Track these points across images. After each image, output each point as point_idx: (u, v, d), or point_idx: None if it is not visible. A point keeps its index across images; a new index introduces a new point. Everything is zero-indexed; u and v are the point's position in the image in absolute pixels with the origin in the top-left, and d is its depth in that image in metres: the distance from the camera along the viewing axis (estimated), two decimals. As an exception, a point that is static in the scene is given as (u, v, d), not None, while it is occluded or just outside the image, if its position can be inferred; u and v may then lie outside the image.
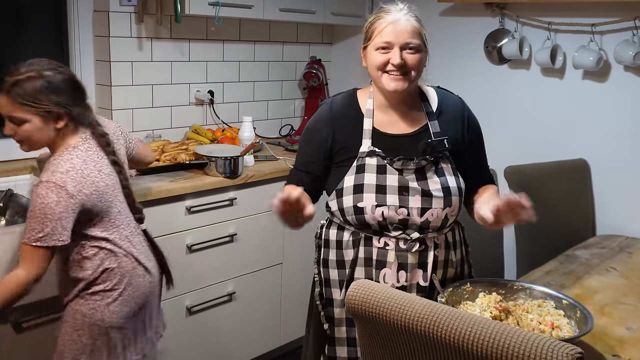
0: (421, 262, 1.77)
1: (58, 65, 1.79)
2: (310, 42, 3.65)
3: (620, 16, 2.65)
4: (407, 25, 1.72)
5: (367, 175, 1.75)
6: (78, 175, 1.75)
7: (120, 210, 1.89)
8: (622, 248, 2.57)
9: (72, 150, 1.80)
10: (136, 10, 2.83)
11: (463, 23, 3.17)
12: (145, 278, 1.95)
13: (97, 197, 1.79)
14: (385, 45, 1.72)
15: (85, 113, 1.83)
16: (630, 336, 1.79)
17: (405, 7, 1.76)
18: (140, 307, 1.95)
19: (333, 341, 1.86)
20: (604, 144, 2.83)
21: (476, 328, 1.11)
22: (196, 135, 3.05)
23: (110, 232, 1.86)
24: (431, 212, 1.75)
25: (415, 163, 1.75)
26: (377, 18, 1.76)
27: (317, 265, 1.90)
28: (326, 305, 1.87)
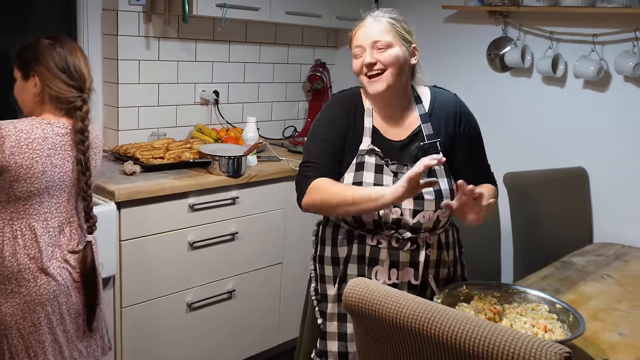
0: (413, 261, 1.81)
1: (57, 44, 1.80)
2: (315, 45, 3.69)
3: (621, 27, 2.69)
4: (375, 26, 1.77)
5: (365, 174, 1.79)
6: (24, 139, 1.71)
7: (44, 202, 1.79)
8: (618, 256, 2.60)
9: (41, 120, 1.78)
10: (144, 10, 2.87)
11: (466, 30, 3.21)
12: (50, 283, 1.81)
13: (24, 173, 1.72)
14: (358, 51, 1.77)
15: (64, 97, 1.80)
16: (621, 341, 1.82)
17: (379, 12, 1.81)
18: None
19: (325, 335, 1.89)
20: (603, 153, 2.87)
21: (469, 327, 1.15)
22: (200, 135, 3.09)
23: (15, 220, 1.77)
24: (423, 214, 1.78)
25: (409, 168, 1.76)
26: (353, 28, 1.82)
27: (313, 262, 1.94)
28: (321, 300, 1.91)
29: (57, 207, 1.82)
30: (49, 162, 1.77)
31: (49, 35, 1.83)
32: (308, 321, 1.99)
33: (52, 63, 1.79)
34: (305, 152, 1.89)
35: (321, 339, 1.90)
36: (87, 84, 1.85)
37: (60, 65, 1.79)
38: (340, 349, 1.87)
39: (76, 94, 1.81)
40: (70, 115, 1.83)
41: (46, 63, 1.79)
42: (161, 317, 2.56)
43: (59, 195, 1.82)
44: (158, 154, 2.68)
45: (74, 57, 1.83)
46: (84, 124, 1.81)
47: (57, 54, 1.80)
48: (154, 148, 2.73)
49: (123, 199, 2.32)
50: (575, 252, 2.61)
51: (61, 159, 1.80)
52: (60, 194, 1.82)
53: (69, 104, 1.81)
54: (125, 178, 2.47)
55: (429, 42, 3.24)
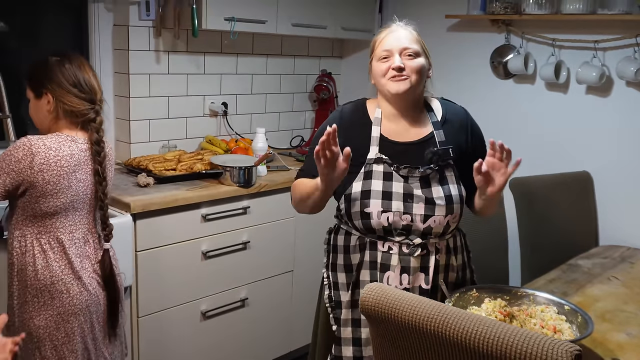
0: (423, 266, 1.85)
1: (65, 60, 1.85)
2: (321, 55, 3.75)
3: (622, 33, 2.74)
4: (405, 33, 1.86)
5: (374, 182, 1.83)
6: (52, 157, 1.77)
7: (69, 215, 1.85)
8: (624, 258, 2.64)
9: (66, 137, 1.84)
10: (154, 25, 2.94)
11: (470, 38, 3.27)
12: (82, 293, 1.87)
13: (52, 189, 1.78)
14: (386, 54, 1.84)
15: (78, 111, 1.85)
16: (629, 341, 1.86)
17: (404, 21, 1.90)
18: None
19: (339, 341, 1.93)
20: (607, 157, 2.91)
21: (482, 327, 1.20)
22: (210, 146, 3.15)
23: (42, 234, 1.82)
24: (433, 219, 1.83)
25: (421, 172, 1.83)
26: (379, 33, 1.90)
27: (326, 270, 1.98)
28: (334, 307, 1.95)
29: (81, 219, 1.88)
30: (74, 177, 1.83)
31: (56, 53, 1.89)
32: (322, 328, 2.03)
33: (62, 79, 1.84)
34: (304, 161, 2.01)
35: (336, 344, 1.94)
36: (98, 96, 1.90)
37: (70, 81, 1.84)
38: (355, 354, 1.91)
39: (89, 106, 1.86)
40: (85, 128, 1.88)
41: (57, 80, 1.84)
42: (176, 326, 2.61)
43: (82, 207, 1.88)
44: (170, 165, 2.74)
45: (83, 71, 1.88)
46: (99, 135, 1.87)
47: (67, 69, 1.85)
48: (166, 160, 2.79)
49: (138, 211, 2.37)
50: (581, 255, 2.65)
51: (84, 173, 1.86)
52: (83, 206, 1.88)
53: (83, 117, 1.86)
54: (140, 190, 2.53)
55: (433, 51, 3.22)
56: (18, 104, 2.51)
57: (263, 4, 2.98)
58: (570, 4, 2.78)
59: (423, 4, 3.41)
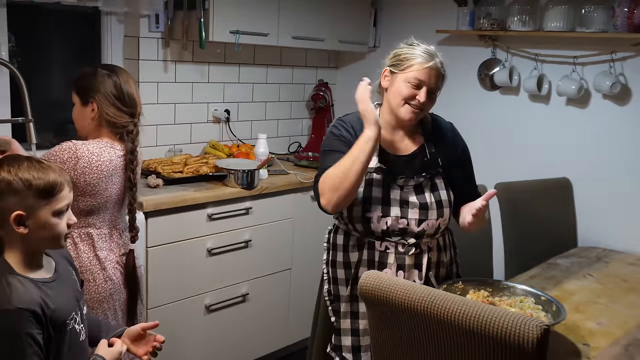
0: (417, 263, 2.04)
1: (113, 74, 2.03)
2: (318, 66, 3.95)
3: (599, 50, 2.96)
4: (441, 75, 1.98)
5: (374, 189, 2.00)
6: (94, 161, 1.94)
7: (101, 215, 2.02)
8: (600, 258, 2.83)
9: (106, 144, 2.01)
10: (163, 36, 3.12)
11: (459, 52, 3.47)
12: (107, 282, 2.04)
13: (91, 190, 1.95)
14: (417, 82, 1.94)
15: (120, 124, 2.03)
16: (599, 329, 2.05)
17: (439, 54, 2.00)
18: None
19: (339, 332, 2.10)
20: (585, 164, 3.12)
21: (464, 308, 1.39)
22: (213, 150, 3.33)
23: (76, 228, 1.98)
24: (427, 222, 2.02)
25: (415, 181, 2.02)
26: (415, 53, 1.96)
27: (326, 266, 2.15)
28: (333, 300, 2.12)
29: (110, 217, 2.06)
30: (110, 181, 2.01)
31: (105, 66, 2.09)
32: (321, 319, 2.21)
33: (108, 91, 2.01)
34: (322, 161, 2.04)
35: (335, 334, 2.10)
36: (138, 110, 2.08)
37: (115, 94, 2.01)
38: (354, 343, 2.08)
39: (129, 119, 2.04)
40: (122, 138, 2.06)
41: (104, 91, 2.01)
42: (182, 318, 2.78)
43: (112, 207, 2.06)
44: (177, 168, 2.92)
45: (128, 86, 2.05)
46: (134, 145, 2.05)
47: (114, 82, 2.02)
48: (174, 163, 2.97)
49: (151, 209, 2.55)
50: (560, 255, 2.84)
51: (118, 177, 2.04)
52: (114, 206, 2.06)
53: (122, 128, 2.04)
54: (150, 190, 2.70)
55: (424, 63, 3.50)
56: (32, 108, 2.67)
57: (266, 18, 3.17)
58: (551, 22, 2.99)
59: (415, 19, 3.61)
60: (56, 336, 1.44)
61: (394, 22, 3.73)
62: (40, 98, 2.97)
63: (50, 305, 1.42)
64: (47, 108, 3.05)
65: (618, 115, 2.99)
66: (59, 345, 1.45)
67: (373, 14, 3.77)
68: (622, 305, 2.28)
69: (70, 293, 1.54)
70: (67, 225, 1.48)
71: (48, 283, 1.47)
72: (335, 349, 2.11)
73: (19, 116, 2.50)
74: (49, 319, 1.41)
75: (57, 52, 3.08)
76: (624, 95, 2.94)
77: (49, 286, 1.47)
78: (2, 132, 2.76)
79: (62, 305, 1.47)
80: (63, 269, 1.58)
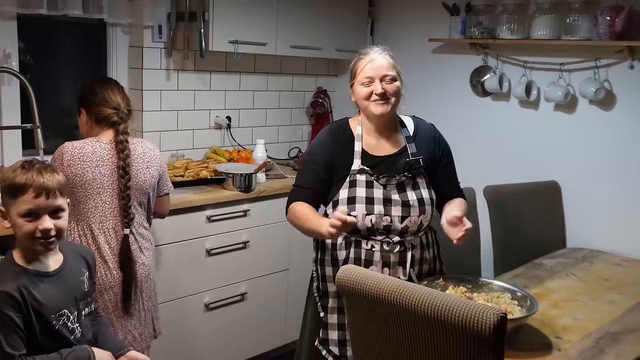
0: (401, 260, 2.15)
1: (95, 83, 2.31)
2: (318, 74, 4.08)
3: (584, 57, 3.06)
4: (383, 61, 2.12)
5: (358, 189, 2.13)
6: (77, 153, 2.15)
7: (98, 206, 2.18)
8: (585, 258, 2.91)
9: (92, 139, 2.22)
10: (166, 46, 3.27)
11: (451, 60, 3.58)
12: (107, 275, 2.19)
13: (79, 180, 2.14)
14: (368, 80, 2.11)
15: (104, 116, 2.23)
16: (574, 324, 2.14)
17: (379, 48, 2.16)
18: None
19: (327, 326, 2.21)
20: (573, 168, 3.21)
21: (430, 297, 1.50)
22: (215, 155, 3.47)
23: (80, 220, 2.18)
24: (409, 219, 2.13)
25: (397, 179, 2.14)
26: (358, 59, 2.16)
27: (315, 264, 2.27)
28: (322, 296, 2.24)
29: (111, 211, 2.21)
30: (98, 171, 2.18)
31: (92, 78, 2.35)
32: (310, 314, 2.32)
33: (92, 96, 2.27)
34: (297, 176, 2.25)
35: (323, 329, 2.22)
36: (122, 107, 2.26)
37: (98, 97, 2.26)
38: (340, 337, 2.19)
39: (112, 112, 2.24)
40: (112, 129, 2.25)
41: (88, 98, 2.27)
42: (183, 316, 2.91)
43: (111, 201, 2.20)
44: (179, 172, 3.06)
45: (108, 89, 2.28)
46: (122, 136, 2.22)
47: (94, 88, 2.28)
48: (175, 167, 3.11)
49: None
50: (547, 255, 2.92)
51: (109, 169, 2.20)
52: (112, 200, 2.20)
53: (109, 120, 2.24)
54: (152, 193, 2.84)
55: (418, 71, 3.63)
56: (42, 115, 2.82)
57: (264, 28, 3.30)
58: (538, 30, 3.10)
59: (409, 28, 3.73)
60: (39, 327, 1.57)
61: (390, 31, 3.85)
62: (49, 106, 3.13)
63: (36, 296, 1.56)
64: (56, 115, 3.20)
65: (604, 120, 3.08)
66: (42, 336, 1.58)
67: (370, 24, 3.90)
68: (600, 302, 2.36)
69: (69, 292, 1.67)
70: (39, 229, 1.58)
71: (43, 277, 1.61)
72: (323, 342, 2.21)
73: (28, 123, 2.66)
74: (30, 306, 1.55)
75: (65, 61, 3.24)
76: (608, 101, 3.04)
77: (43, 280, 1.60)
78: (12, 138, 2.93)
79: (51, 299, 1.60)
80: (71, 267, 1.71)
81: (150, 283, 2.34)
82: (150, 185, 2.32)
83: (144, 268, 2.29)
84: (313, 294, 2.28)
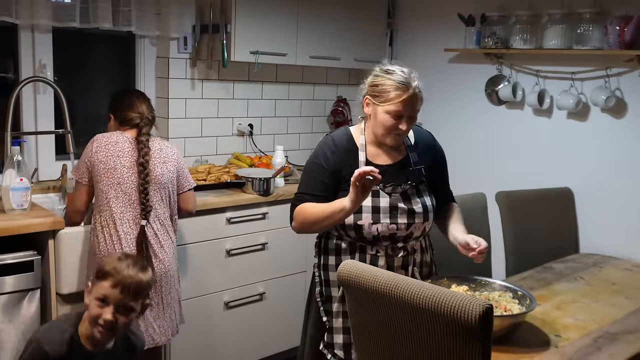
0: (404, 264, 2.21)
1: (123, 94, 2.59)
2: (338, 83, 4.20)
3: (595, 66, 3.12)
4: (418, 99, 2.08)
5: None
6: (104, 142, 2.41)
7: (119, 196, 2.37)
8: (596, 263, 2.95)
9: (117, 132, 2.48)
10: (191, 57, 3.43)
11: (467, 70, 3.67)
12: None
13: (103, 167, 2.36)
14: (397, 114, 2.06)
15: (128, 119, 2.47)
16: (575, 324, 2.19)
17: (415, 77, 2.07)
18: None
19: (332, 330, 2.23)
20: (586, 175, 3.26)
21: (421, 289, 1.60)
22: (237, 161, 3.61)
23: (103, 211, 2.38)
24: (414, 226, 2.19)
25: (402, 188, 2.19)
26: (391, 84, 2.05)
27: (318, 269, 2.27)
28: (325, 301, 2.26)
29: (130, 203, 2.38)
30: (119, 162, 2.38)
31: (121, 88, 2.62)
32: (312, 319, 2.33)
33: (119, 103, 2.52)
34: (300, 184, 2.24)
35: (328, 333, 2.23)
36: (146, 113, 2.48)
37: (123, 104, 2.50)
38: (345, 341, 2.19)
39: (137, 115, 2.47)
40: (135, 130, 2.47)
41: (116, 106, 2.53)
42: (203, 313, 3.04)
43: (131, 193, 2.38)
44: (201, 176, 3.21)
45: (134, 98, 2.52)
46: (143, 137, 2.43)
47: (122, 96, 2.54)
48: (198, 172, 3.26)
49: (173, 212, 2.83)
50: (557, 260, 2.96)
51: (129, 162, 2.40)
52: (131, 192, 2.38)
53: (132, 122, 2.46)
54: (175, 196, 2.99)
55: (435, 80, 3.72)
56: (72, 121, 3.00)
57: (284, 39, 3.44)
58: (550, 40, 3.17)
59: (426, 39, 3.84)
60: None
61: (408, 41, 3.96)
62: (81, 113, 3.32)
63: None
64: (87, 122, 3.39)
65: (615, 127, 3.13)
66: None
67: (389, 35, 4.01)
68: (604, 304, 2.40)
69: None
70: (103, 318, 1.75)
71: (86, 352, 1.79)
72: (328, 346, 2.23)
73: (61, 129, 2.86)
74: None
75: (96, 71, 3.44)
76: (619, 109, 3.09)
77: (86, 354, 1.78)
78: (46, 142, 3.12)
79: None
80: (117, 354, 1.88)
81: (170, 279, 2.48)
82: (169, 180, 2.49)
83: (162, 264, 2.43)
84: (315, 299, 2.30)
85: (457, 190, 2.78)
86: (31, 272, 2.43)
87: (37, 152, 3.10)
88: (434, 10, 3.80)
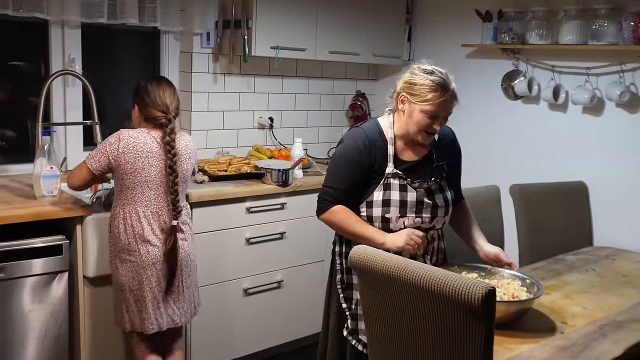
0: (424, 253, 2.31)
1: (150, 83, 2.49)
2: (357, 78, 4.28)
3: (610, 61, 3.15)
4: (454, 103, 2.18)
5: (392, 193, 2.23)
6: (132, 143, 2.39)
7: (145, 192, 2.41)
8: (608, 256, 2.98)
9: (144, 131, 2.44)
10: (213, 52, 3.54)
11: (483, 65, 3.72)
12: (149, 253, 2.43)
13: (130, 168, 2.38)
14: (434, 115, 2.14)
15: (153, 116, 2.44)
16: (583, 312, 2.24)
17: (452, 79, 2.16)
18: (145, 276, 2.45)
19: (355, 317, 2.31)
20: (601, 169, 3.29)
21: (428, 273, 1.68)
22: (257, 153, 3.71)
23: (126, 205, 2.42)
24: (437, 219, 2.29)
25: (428, 184, 2.27)
26: (430, 85, 2.12)
27: (339, 257, 2.35)
28: (345, 288, 2.35)
29: (156, 198, 2.46)
30: (147, 162, 2.42)
31: (150, 77, 2.56)
32: (334, 306, 2.41)
33: (144, 96, 2.48)
34: (330, 176, 2.27)
35: (352, 319, 2.32)
36: (170, 109, 2.47)
37: (149, 98, 2.47)
38: None
39: (161, 114, 2.45)
40: (161, 130, 2.47)
41: (141, 96, 2.49)
42: (222, 299, 3.15)
43: (156, 189, 2.45)
44: (222, 167, 3.31)
45: (160, 90, 2.48)
46: (170, 137, 2.44)
47: (148, 89, 2.48)
48: (219, 163, 3.37)
49: (195, 201, 2.94)
50: (570, 252, 3.00)
51: (156, 161, 2.44)
52: (157, 188, 2.45)
53: (156, 121, 2.46)
54: (197, 185, 3.09)
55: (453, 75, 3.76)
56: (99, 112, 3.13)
57: (304, 34, 3.53)
58: (566, 36, 3.21)
59: (444, 35, 3.89)
60: None
61: (427, 36, 4.02)
62: (108, 105, 3.44)
63: None
64: (114, 114, 3.52)
65: (630, 122, 3.16)
66: None
67: (407, 30, 4.07)
68: (613, 294, 2.44)
69: None
70: None
71: None
72: (352, 332, 2.31)
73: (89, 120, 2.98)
74: None
75: (123, 65, 3.56)
76: (634, 104, 3.12)
77: None
78: (75, 133, 3.25)
79: None
80: None
81: (190, 263, 2.58)
82: (190, 173, 2.60)
83: (183, 249, 2.53)
84: (336, 286, 2.37)
85: (472, 183, 2.87)
86: (60, 256, 2.57)
87: (66, 142, 3.24)
88: (452, 6, 3.86)
